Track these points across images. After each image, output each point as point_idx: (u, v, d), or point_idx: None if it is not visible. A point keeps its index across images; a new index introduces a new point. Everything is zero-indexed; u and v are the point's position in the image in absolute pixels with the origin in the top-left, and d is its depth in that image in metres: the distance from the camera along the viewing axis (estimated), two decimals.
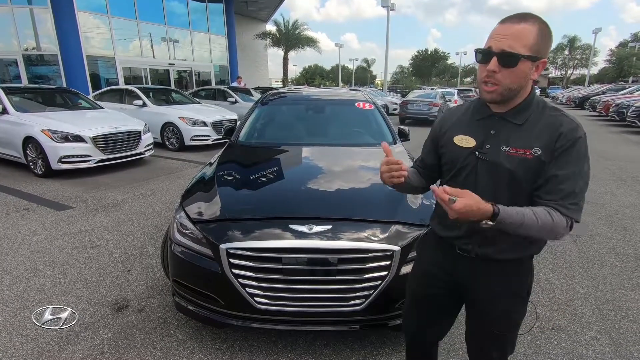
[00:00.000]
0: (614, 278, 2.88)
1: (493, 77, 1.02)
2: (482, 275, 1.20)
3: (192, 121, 8.18)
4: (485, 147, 1.11)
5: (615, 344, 2.15)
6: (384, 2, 23.06)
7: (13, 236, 3.62)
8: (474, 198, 0.97)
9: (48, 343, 2.12)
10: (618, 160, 7.29)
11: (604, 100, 15.87)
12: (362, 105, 3.71)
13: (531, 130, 1.06)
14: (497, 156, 1.09)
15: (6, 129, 5.99)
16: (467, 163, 1.15)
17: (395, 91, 31.51)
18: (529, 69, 1.02)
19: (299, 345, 2.11)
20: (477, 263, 1.19)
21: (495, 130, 1.11)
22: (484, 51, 1.04)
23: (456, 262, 1.24)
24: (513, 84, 1.03)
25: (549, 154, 1.04)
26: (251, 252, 1.79)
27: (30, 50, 13.15)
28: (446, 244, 1.26)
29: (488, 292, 1.20)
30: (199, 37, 18.99)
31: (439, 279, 1.30)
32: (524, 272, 1.20)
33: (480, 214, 0.97)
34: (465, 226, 1.17)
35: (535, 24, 1.00)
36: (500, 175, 1.09)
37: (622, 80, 39.45)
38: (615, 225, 3.95)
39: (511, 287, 1.19)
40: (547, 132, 1.04)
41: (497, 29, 1.03)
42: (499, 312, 1.21)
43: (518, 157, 1.06)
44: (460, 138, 1.17)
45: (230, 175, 2.53)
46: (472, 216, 0.96)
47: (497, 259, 1.16)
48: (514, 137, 1.08)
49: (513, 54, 0.99)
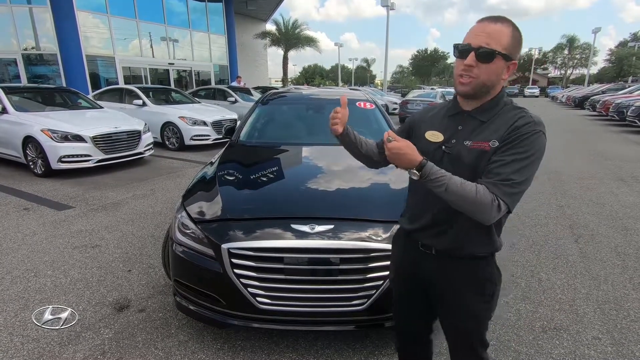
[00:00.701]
0: (616, 277, 2.88)
1: (470, 72, 1.08)
2: (444, 272, 1.25)
3: (192, 121, 8.17)
4: (451, 141, 1.17)
5: (618, 343, 2.14)
6: (383, 2, 23.03)
7: (13, 236, 3.61)
8: (410, 147, 1.08)
9: (49, 343, 2.12)
10: (618, 159, 7.29)
11: (603, 99, 15.88)
12: (363, 105, 3.70)
13: (492, 126, 1.13)
14: (460, 150, 1.15)
15: (6, 128, 5.98)
16: (433, 157, 1.18)
17: (395, 91, 31.52)
18: (502, 68, 1.09)
19: (300, 346, 2.11)
20: (438, 260, 1.24)
21: (462, 126, 1.17)
22: (463, 47, 1.09)
23: (420, 259, 1.29)
24: (487, 80, 1.09)
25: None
26: (253, 252, 1.79)
27: (29, 50, 13.12)
28: (411, 240, 1.30)
29: (450, 288, 1.25)
30: (199, 36, 18.97)
31: (410, 276, 1.36)
32: (484, 270, 1.23)
33: (409, 160, 1.06)
34: (427, 216, 1.22)
35: (509, 27, 1.08)
36: (462, 168, 1.13)
37: (622, 80, 39.47)
38: (616, 224, 3.95)
39: (471, 284, 1.23)
40: (504, 126, 1.10)
41: (475, 27, 1.10)
42: (462, 309, 1.24)
43: (477, 150, 1.12)
44: (431, 133, 1.23)
45: (232, 175, 2.52)
46: (402, 159, 1.07)
47: (457, 255, 1.21)
48: (477, 132, 1.14)
49: (490, 50, 1.05)
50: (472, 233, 1.17)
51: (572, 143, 9.21)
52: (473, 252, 1.20)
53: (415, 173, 1.07)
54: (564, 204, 4.61)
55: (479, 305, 1.24)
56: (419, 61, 70.22)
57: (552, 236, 3.65)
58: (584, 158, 7.46)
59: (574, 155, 7.73)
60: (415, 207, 1.28)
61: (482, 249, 1.20)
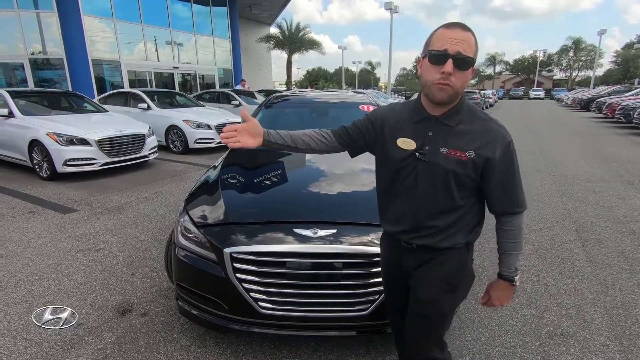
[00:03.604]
0: (624, 282, 2.83)
1: (448, 79, 1.08)
2: (421, 263, 1.29)
3: (196, 124, 8.20)
4: (425, 148, 1.19)
5: (626, 350, 2.10)
6: (387, 5, 23.06)
7: (18, 239, 3.64)
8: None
9: (52, 347, 2.12)
10: (625, 162, 7.21)
11: (609, 102, 15.75)
12: (366, 108, 3.69)
13: (465, 134, 1.17)
14: (436, 157, 1.17)
15: (12, 132, 6.04)
16: (407, 164, 1.22)
17: (398, 93, 31.47)
18: (470, 74, 1.13)
19: (303, 351, 2.09)
20: (418, 252, 1.29)
21: (433, 133, 1.19)
22: (441, 53, 1.09)
23: (402, 255, 1.33)
24: (461, 88, 1.12)
25: (482, 158, 1.15)
26: (255, 257, 1.78)
27: (36, 54, 13.26)
28: (394, 240, 1.34)
29: (423, 277, 1.29)
30: (203, 40, 19.09)
31: (396, 275, 1.39)
32: (459, 261, 1.28)
33: (510, 296, 1.32)
34: (408, 221, 1.26)
35: (473, 35, 1.11)
36: (439, 175, 1.18)
37: (628, 82, 39.15)
38: (623, 228, 3.89)
39: (444, 275, 1.27)
40: (481, 138, 1.16)
41: (447, 33, 1.09)
42: (428, 297, 1.27)
43: (454, 159, 1.16)
44: (403, 140, 1.23)
45: (234, 179, 2.51)
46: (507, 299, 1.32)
47: (435, 247, 1.25)
48: (451, 139, 1.17)
49: (467, 58, 1.08)
50: (453, 230, 1.23)
51: (578, 146, 9.14)
52: (451, 244, 1.25)
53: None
54: (570, 208, 4.56)
55: (445, 296, 1.27)
56: None
57: (558, 240, 3.61)
58: (590, 161, 7.38)
59: (580, 158, 7.66)
60: (396, 210, 1.31)
61: (458, 241, 1.25)
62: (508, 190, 1.20)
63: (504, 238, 1.26)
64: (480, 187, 1.21)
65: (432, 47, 1.11)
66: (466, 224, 1.25)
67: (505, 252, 1.27)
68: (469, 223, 1.26)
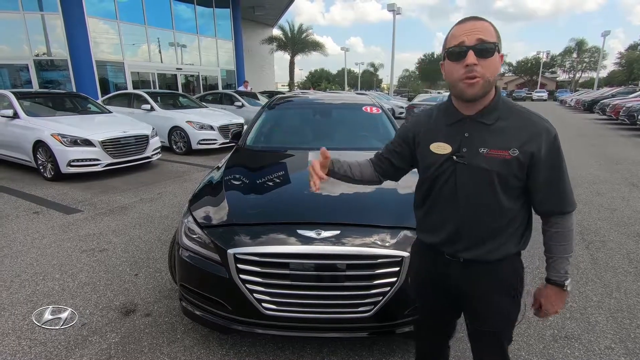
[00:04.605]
0: (628, 285, 2.81)
1: (474, 71, 1.03)
2: (472, 277, 1.21)
3: (199, 125, 8.23)
4: (462, 150, 1.12)
5: (631, 353, 2.09)
6: (389, 7, 23.07)
7: (22, 239, 3.66)
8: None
9: (56, 347, 2.12)
10: (629, 164, 7.17)
11: (613, 103, 15.66)
12: (369, 110, 3.69)
13: (505, 131, 1.09)
14: (476, 159, 1.10)
15: (17, 133, 6.08)
16: (444, 169, 1.16)
17: (401, 95, 31.47)
18: (498, 60, 1.06)
19: (306, 352, 2.09)
20: (467, 267, 1.21)
21: (469, 133, 1.12)
22: (459, 48, 1.04)
23: (447, 267, 1.24)
24: (491, 76, 1.05)
25: (528, 155, 1.07)
26: (259, 258, 1.78)
27: (41, 56, 13.35)
28: (434, 251, 1.26)
29: (479, 293, 1.22)
30: (206, 41, 19.16)
31: (433, 285, 1.32)
32: (513, 270, 1.22)
33: (562, 301, 1.27)
34: (448, 230, 1.19)
35: (490, 24, 1.06)
36: (481, 177, 1.10)
37: (632, 83, 38.97)
38: (628, 231, 3.87)
39: (501, 287, 1.21)
40: (525, 133, 1.08)
41: (461, 27, 1.06)
42: (495, 312, 1.23)
43: (497, 158, 1.08)
44: (437, 145, 1.17)
45: (238, 180, 2.52)
46: (555, 306, 1.27)
47: (486, 260, 1.17)
48: (490, 138, 1.10)
49: (489, 43, 1.02)
50: (501, 239, 1.16)
51: (581, 147, 9.09)
52: (503, 255, 1.17)
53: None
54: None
55: (510, 306, 1.23)
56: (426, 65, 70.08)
57: None
58: (594, 162, 7.34)
59: (583, 159, 7.62)
60: (435, 219, 1.23)
61: (509, 251, 1.18)
62: (556, 188, 1.12)
63: (553, 241, 1.18)
64: (527, 188, 1.13)
65: (448, 46, 1.07)
66: (515, 230, 1.17)
67: (554, 256, 1.19)
68: (518, 229, 1.18)
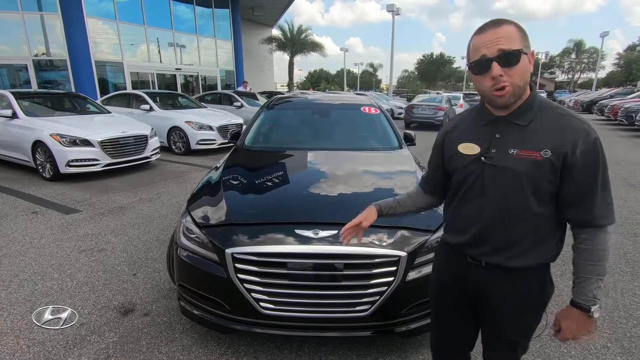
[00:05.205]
0: (625, 285, 2.83)
1: (502, 82, 1.00)
2: (493, 284, 1.17)
3: (198, 125, 8.23)
4: (491, 151, 1.09)
5: (627, 352, 2.10)
6: (389, 7, 23.10)
7: (21, 239, 3.66)
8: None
9: (54, 347, 2.13)
10: (627, 164, 7.20)
11: (612, 104, 15.70)
12: (367, 110, 3.71)
13: (539, 131, 1.04)
14: (505, 160, 1.06)
15: (16, 133, 6.08)
16: (472, 170, 1.12)
17: (400, 95, 31.52)
18: (527, 63, 1.02)
19: (304, 351, 2.10)
20: (488, 271, 1.16)
21: (500, 134, 1.09)
22: (481, 61, 1.02)
23: (467, 271, 1.21)
24: (521, 81, 1.02)
25: (561, 157, 1.01)
26: (257, 257, 1.79)
27: (40, 56, 13.33)
28: (457, 252, 1.23)
29: (500, 300, 1.18)
30: (206, 42, 19.15)
31: (454, 290, 1.27)
32: (537, 281, 1.16)
33: (583, 323, 1.10)
34: (473, 231, 1.15)
35: (512, 24, 1.02)
36: (511, 179, 1.06)
37: (631, 84, 39.05)
38: (625, 231, 3.89)
39: (523, 296, 1.15)
40: (559, 134, 1.02)
41: (479, 39, 1.03)
42: (512, 321, 1.18)
43: (527, 160, 1.03)
44: (465, 146, 1.15)
45: (236, 180, 2.53)
46: (579, 331, 1.11)
47: (508, 267, 1.12)
48: (522, 139, 1.05)
49: (512, 51, 0.99)
50: (527, 245, 1.10)
51: None
52: (527, 264, 1.11)
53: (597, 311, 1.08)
54: None
55: (528, 318, 1.19)
56: (425, 66, 70.24)
57: None
58: None
59: None
60: (460, 220, 1.20)
61: (535, 261, 1.12)
62: (587, 196, 1.02)
63: (581, 258, 1.08)
64: (559, 193, 1.06)
65: (471, 60, 1.05)
66: (542, 238, 1.10)
67: (582, 276, 1.08)
68: (546, 238, 1.11)
